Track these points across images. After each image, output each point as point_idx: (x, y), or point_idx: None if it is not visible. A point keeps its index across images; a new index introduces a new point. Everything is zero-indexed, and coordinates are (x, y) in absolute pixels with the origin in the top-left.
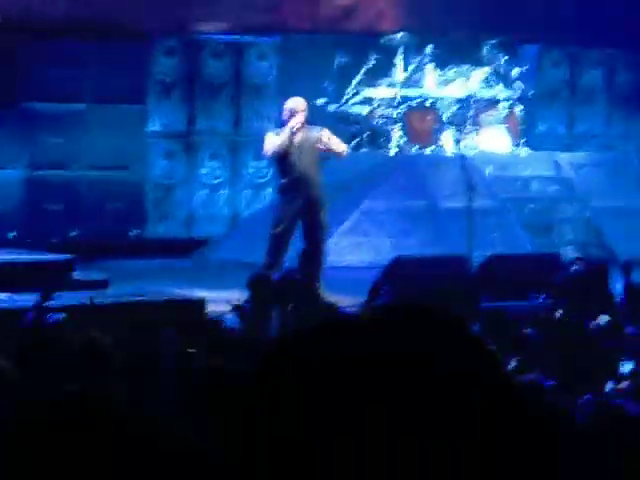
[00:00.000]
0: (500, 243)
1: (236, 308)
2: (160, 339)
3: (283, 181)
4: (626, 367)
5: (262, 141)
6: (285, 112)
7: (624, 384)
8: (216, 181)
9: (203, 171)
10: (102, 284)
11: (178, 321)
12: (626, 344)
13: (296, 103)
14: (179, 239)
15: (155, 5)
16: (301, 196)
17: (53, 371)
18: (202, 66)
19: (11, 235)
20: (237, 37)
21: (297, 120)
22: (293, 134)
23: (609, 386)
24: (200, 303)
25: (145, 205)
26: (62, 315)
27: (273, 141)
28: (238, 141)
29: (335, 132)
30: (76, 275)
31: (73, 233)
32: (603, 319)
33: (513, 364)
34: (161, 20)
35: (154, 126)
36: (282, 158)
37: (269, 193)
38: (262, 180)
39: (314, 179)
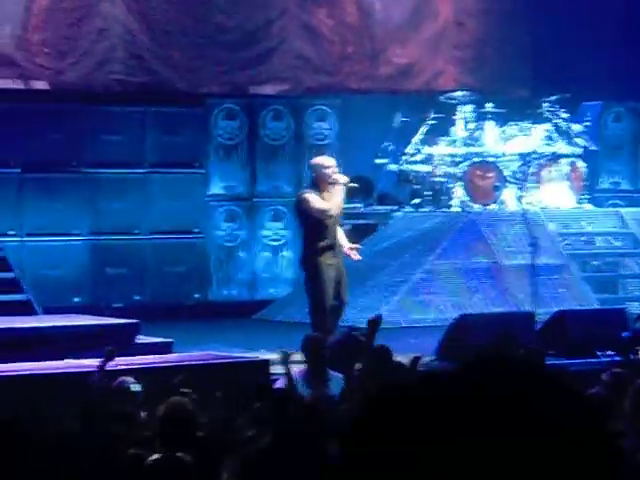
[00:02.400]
0: (565, 299)
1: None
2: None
3: (324, 244)
4: None
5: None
6: (330, 169)
7: None
8: (278, 243)
9: (265, 233)
10: (167, 347)
11: (243, 383)
12: None
13: (333, 161)
14: (242, 301)
15: (213, 69)
16: (338, 259)
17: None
18: (262, 127)
19: (76, 300)
20: (297, 98)
21: (345, 177)
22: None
23: None
24: (264, 364)
25: (208, 268)
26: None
27: (336, 201)
28: None
29: (397, 191)
30: (141, 339)
31: (137, 297)
32: None
33: None
34: (220, 83)
35: (215, 189)
36: (328, 220)
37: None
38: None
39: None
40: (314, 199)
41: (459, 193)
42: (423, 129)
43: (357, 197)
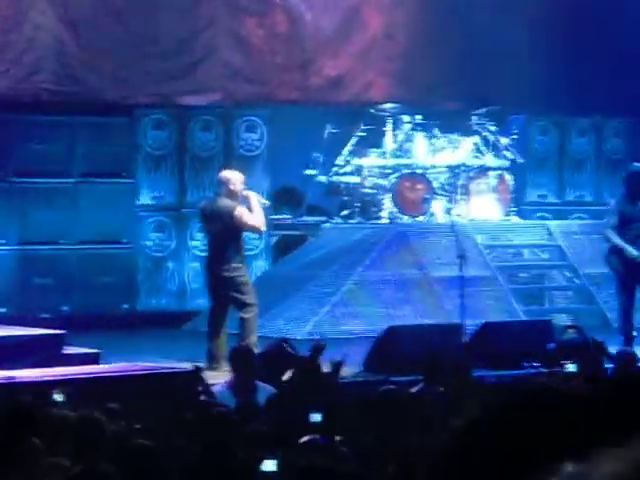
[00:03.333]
0: (493, 311)
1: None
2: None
3: (243, 255)
4: None
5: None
6: (240, 182)
7: None
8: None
9: (194, 243)
10: (94, 358)
11: (171, 394)
12: None
13: (242, 177)
14: (171, 311)
15: (142, 79)
16: None
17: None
18: (191, 138)
19: (2, 310)
20: (226, 109)
21: (255, 195)
22: None
23: None
24: (195, 374)
25: (136, 278)
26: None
27: (263, 218)
28: None
29: (326, 202)
30: (68, 349)
31: (64, 308)
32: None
33: None
34: (148, 93)
35: (144, 199)
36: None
37: (259, 265)
38: (252, 252)
39: None
40: (248, 216)
41: (388, 205)
42: (353, 140)
43: (286, 208)
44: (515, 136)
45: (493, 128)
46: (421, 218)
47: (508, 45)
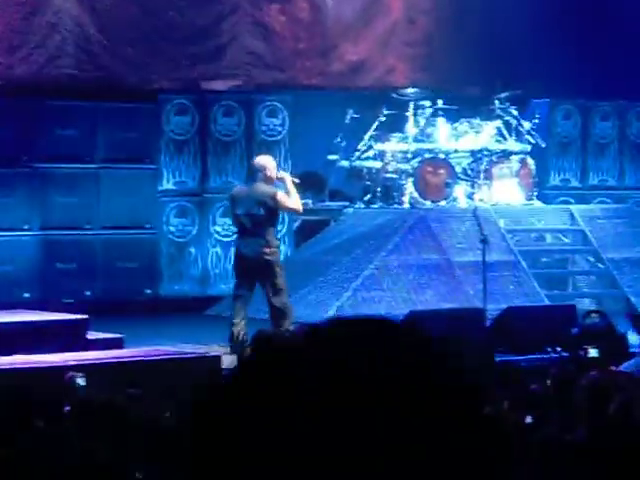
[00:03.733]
0: (515, 296)
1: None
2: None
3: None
4: None
5: None
6: (274, 168)
7: None
8: (229, 238)
9: (216, 228)
10: (117, 343)
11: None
12: None
13: (274, 162)
14: (194, 297)
15: (165, 64)
16: None
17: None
18: (213, 123)
19: (26, 296)
20: (248, 94)
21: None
22: None
23: None
24: (215, 360)
25: (159, 263)
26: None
27: (297, 197)
28: None
29: (348, 187)
30: (91, 334)
31: (87, 293)
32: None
33: (529, 420)
34: (171, 79)
35: (167, 184)
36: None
37: (282, 250)
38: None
39: None
40: (288, 199)
41: (410, 189)
42: (375, 125)
43: (308, 193)
44: (537, 120)
45: (515, 112)
46: (443, 203)
47: (530, 29)
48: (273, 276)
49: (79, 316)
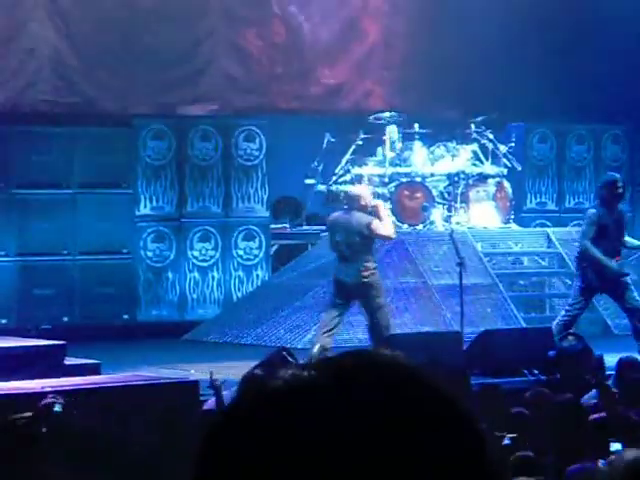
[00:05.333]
0: (493, 319)
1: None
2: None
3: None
4: (613, 447)
5: (250, 222)
6: (369, 196)
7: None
8: (207, 263)
9: (194, 253)
10: (95, 368)
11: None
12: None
13: (369, 190)
14: (171, 322)
15: (141, 89)
16: None
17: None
18: (190, 148)
19: (3, 322)
20: (225, 118)
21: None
22: None
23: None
24: (193, 385)
25: (137, 288)
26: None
27: (390, 224)
28: (228, 222)
29: (325, 211)
30: (69, 360)
31: (65, 319)
32: (595, 395)
33: (506, 441)
34: (148, 103)
35: (144, 209)
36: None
37: (259, 275)
38: (252, 262)
39: None
40: (382, 227)
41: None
42: (352, 149)
43: (285, 217)
44: (513, 144)
45: (491, 136)
46: (420, 226)
47: (505, 54)
48: (372, 296)
49: (56, 342)
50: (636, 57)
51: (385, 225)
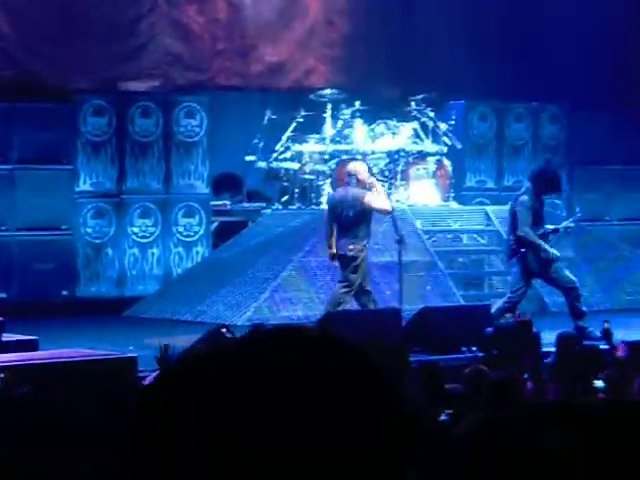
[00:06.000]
0: (432, 296)
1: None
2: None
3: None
4: None
5: (191, 199)
6: (366, 172)
7: None
8: (146, 240)
9: (134, 230)
10: (32, 345)
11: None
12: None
13: (366, 166)
14: (111, 298)
15: (82, 64)
16: None
17: None
18: (131, 124)
19: None
20: (166, 95)
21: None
22: None
23: None
24: (132, 361)
25: (76, 265)
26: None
27: (386, 199)
28: (168, 199)
29: (266, 188)
30: (6, 337)
31: (2, 295)
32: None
33: (444, 417)
34: (88, 78)
35: (84, 185)
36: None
37: (199, 251)
38: (192, 238)
39: None
40: (377, 200)
41: (328, 191)
42: (292, 127)
43: (226, 194)
44: (453, 122)
45: (432, 114)
46: None
47: (447, 31)
48: (349, 269)
49: None
50: (575, 37)
51: (380, 198)
